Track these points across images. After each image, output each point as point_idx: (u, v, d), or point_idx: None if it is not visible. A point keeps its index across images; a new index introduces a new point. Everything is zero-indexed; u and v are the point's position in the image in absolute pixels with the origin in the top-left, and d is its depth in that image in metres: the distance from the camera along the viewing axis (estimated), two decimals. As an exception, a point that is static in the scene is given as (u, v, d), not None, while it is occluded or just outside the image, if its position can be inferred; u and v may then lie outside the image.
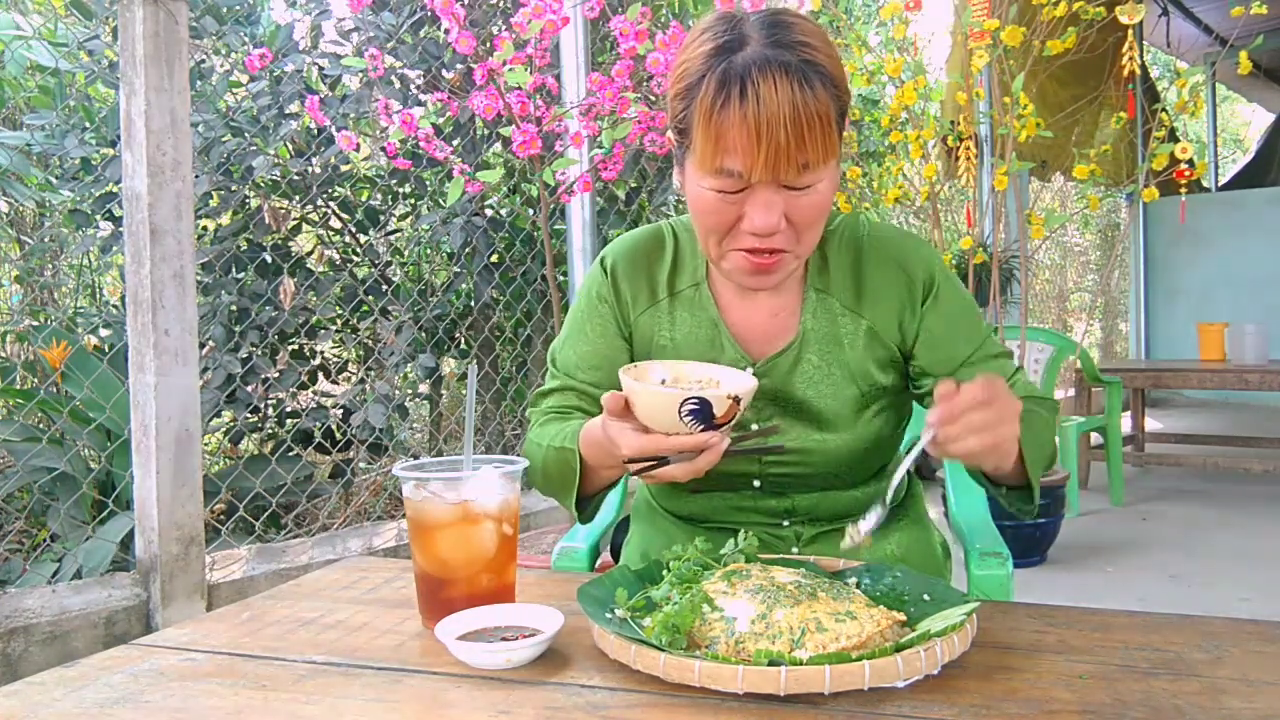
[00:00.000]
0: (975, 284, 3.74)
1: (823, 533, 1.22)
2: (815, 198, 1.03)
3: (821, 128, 0.99)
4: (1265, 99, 10.38)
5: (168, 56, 2.18)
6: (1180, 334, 7.87)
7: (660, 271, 1.22)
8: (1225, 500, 4.70)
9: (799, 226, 1.05)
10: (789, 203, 1.03)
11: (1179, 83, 3.37)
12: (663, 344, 1.21)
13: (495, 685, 0.81)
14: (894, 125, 3.48)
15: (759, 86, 0.97)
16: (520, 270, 3.65)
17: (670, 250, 1.23)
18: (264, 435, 3.36)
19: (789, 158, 0.98)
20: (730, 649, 0.81)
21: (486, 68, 2.20)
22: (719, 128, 0.99)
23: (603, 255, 1.26)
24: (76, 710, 0.78)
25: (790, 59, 0.98)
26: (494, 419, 3.73)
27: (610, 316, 1.23)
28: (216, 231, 3.24)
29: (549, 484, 1.17)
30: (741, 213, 1.04)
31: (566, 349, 1.25)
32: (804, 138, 0.97)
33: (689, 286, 1.21)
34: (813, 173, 1.01)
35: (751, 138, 0.97)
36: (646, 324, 1.22)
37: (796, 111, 0.97)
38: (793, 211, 1.03)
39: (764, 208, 1.02)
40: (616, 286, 1.22)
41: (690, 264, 1.22)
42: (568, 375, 1.24)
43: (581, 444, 1.08)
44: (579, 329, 1.24)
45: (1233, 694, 0.77)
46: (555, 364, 1.26)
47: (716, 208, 1.04)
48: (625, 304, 1.22)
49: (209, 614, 1.07)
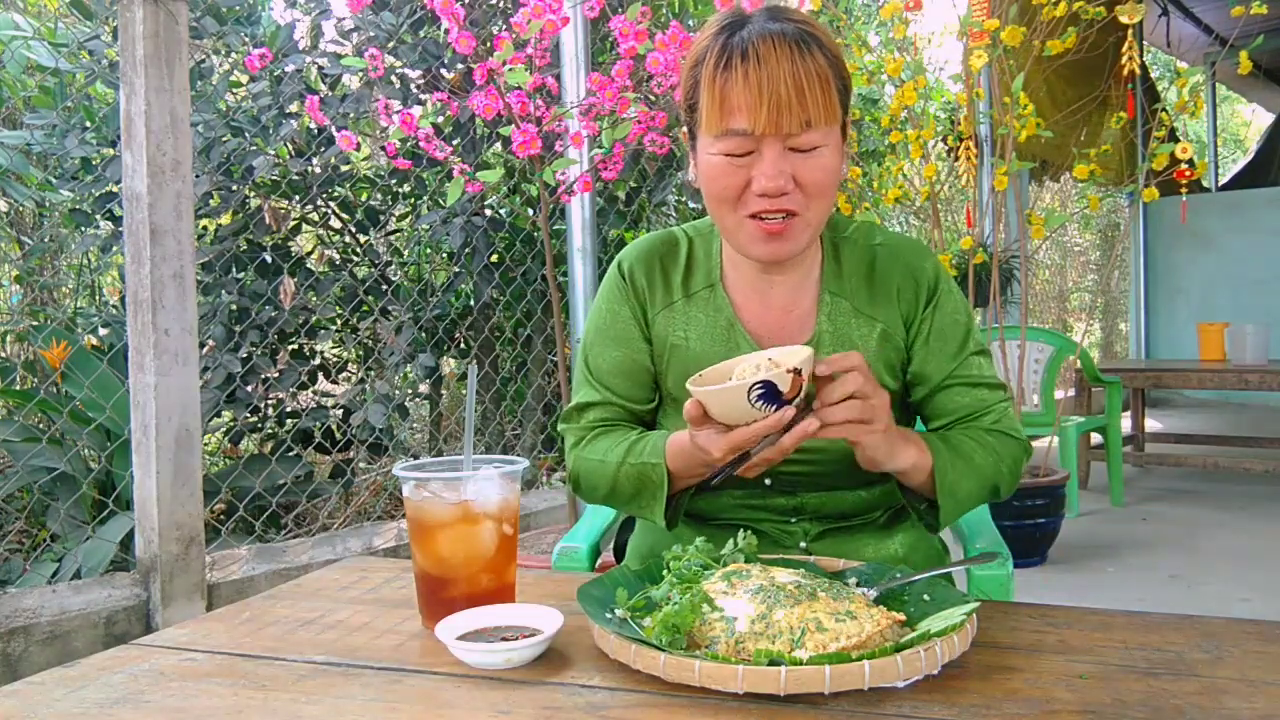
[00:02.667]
0: (975, 284, 3.74)
1: (829, 530, 1.23)
2: (821, 161, 1.07)
3: (821, 87, 1.04)
4: (1265, 99, 10.38)
5: (168, 56, 2.18)
6: (1180, 334, 7.87)
7: (675, 273, 1.25)
8: (1225, 500, 4.70)
9: (807, 190, 1.08)
10: (796, 165, 1.06)
11: (1179, 83, 3.37)
12: (677, 344, 1.23)
13: (495, 685, 0.81)
14: (894, 125, 3.48)
15: (759, 49, 1.04)
16: (520, 270, 3.65)
17: (684, 252, 1.26)
18: (264, 435, 3.36)
19: (791, 111, 1.03)
20: (730, 649, 0.81)
21: (486, 68, 2.20)
22: (723, 89, 1.05)
23: (618, 260, 1.28)
24: (76, 710, 0.78)
25: (788, 28, 1.06)
26: (494, 419, 3.73)
27: (631, 319, 1.25)
28: (216, 231, 3.24)
29: (619, 499, 1.20)
30: (750, 177, 1.07)
31: (596, 356, 1.27)
32: (804, 92, 1.03)
33: (703, 287, 1.23)
34: (816, 131, 1.05)
35: (754, 94, 1.03)
36: (663, 324, 1.24)
37: (795, 68, 1.03)
38: (800, 173, 1.07)
39: (771, 166, 1.05)
40: (634, 289, 1.25)
41: (704, 265, 1.25)
42: (604, 387, 1.26)
43: (669, 458, 1.12)
44: (605, 335, 1.26)
45: (1233, 694, 0.77)
46: (590, 370, 1.27)
47: (726, 172, 1.08)
48: (643, 305, 1.25)
49: (209, 614, 1.07)
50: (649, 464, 1.13)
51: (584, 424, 1.26)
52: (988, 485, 1.15)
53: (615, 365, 1.25)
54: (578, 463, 1.24)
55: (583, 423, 1.26)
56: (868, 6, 6.58)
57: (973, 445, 1.14)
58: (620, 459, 1.16)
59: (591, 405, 1.26)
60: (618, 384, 1.25)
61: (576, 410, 1.27)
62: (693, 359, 1.20)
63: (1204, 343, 5.15)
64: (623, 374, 1.24)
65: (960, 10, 3.52)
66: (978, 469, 1.13)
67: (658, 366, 1.25)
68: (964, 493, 1.12)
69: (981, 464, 1.14)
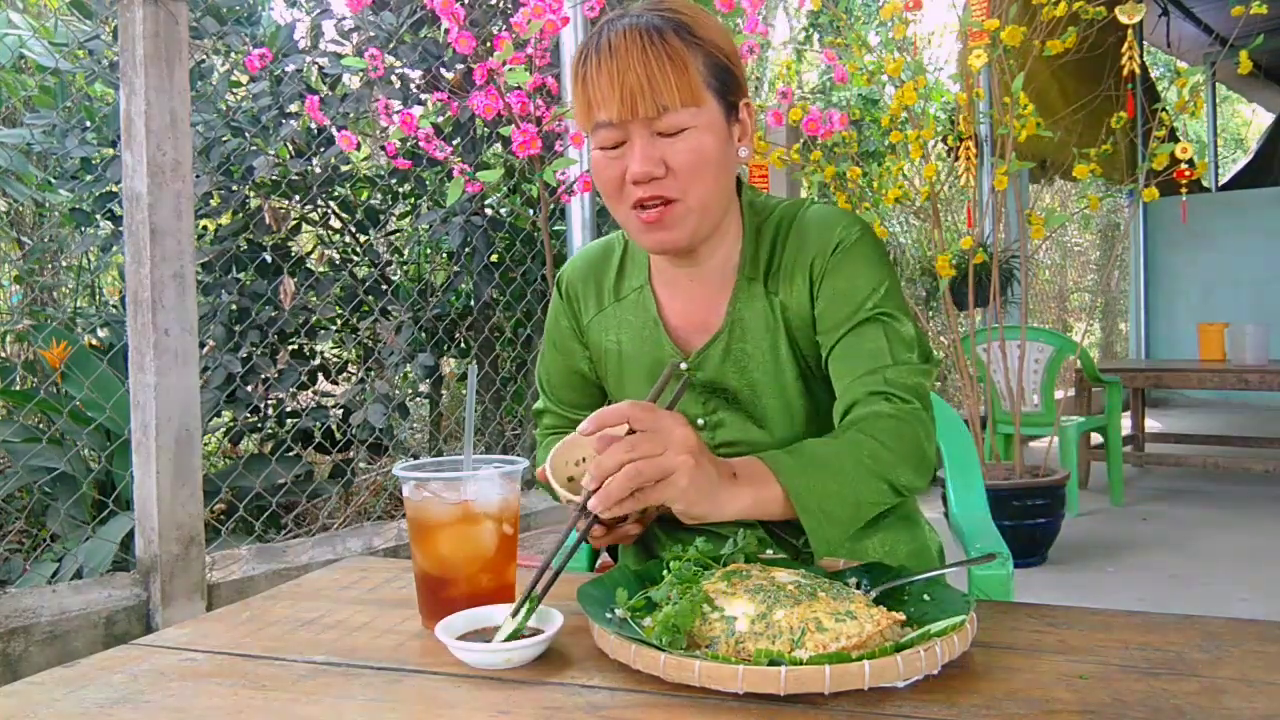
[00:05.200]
0: (975, 284, 3.74)
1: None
2: (690, 143, 1.07)
3: (675, 69, 1.05)
4: (1265, 99, 10.38)
5: (168, 56, 2.18)
6: (1180, 334, 7.87)
7: (607, 279, 1.28)
8: (1225, 500, 4.70)
9: (678, 173, 1.08)
10: (664, 150, 1.07)
11: (1179, 83, 3.37)
12: (610, 347, 1.26)
13: (495, 685, 0.81)
14: (894, 125, 3.48)
15: (613, 41, 1.06)
16: (520, 270, 3.65)
17: (617, 257, 1.29)
18: (264, 435, 3.36)
19: (644, 96, 1.05)
20: (730, 649, 0.81)
21: (486, 68, 2.20)
22: (584, 84, 1.08)
23: (559, 275, 1.33)
24: (76, 710, 0.78)
25: (647, 19, 1.07)
26: (494, 419, 3.73)
27: (569, 331, 1.30)
28: (216, 231, 3.24)
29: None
30: (625, 168, 1.08)
31: (544, 367, 1.35)
32: (654, 77, 1.04)
33: (633, 290, 1.25)
34: (677, 114, 1.06)
35: (609, 84, 1.06)
36: (597, 330, 1.27)
37: (646, 55, 1.05)
38: (669, 157, 1.07)
39: (638, 152, 1.07)
40: (570, 302, 1.30)
41: (634, 268, 1.26)
42: (550, 395, 1.35)
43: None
44: (550, 346, 1.34)
45: (1233, 694, 0.77)
46: (540, 381, 1.36)
47: (604, 165, 1.10)
48: (578, 316, 1.29)
49: (209, 614, 1.07)
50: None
51: (541, 429, 1.37)
52: (873, 486, 1.01)
53: (558, 374, 1.33)
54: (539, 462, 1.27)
55: (540, 428, 1.37)
56: (868, 6, 6.58)
57: (837, 447, 1.02)
58: None
59: (543, 412, 1.36)
60: (562, 392, 1.33)
61: (535, 416, 1.38)
62: (625, 360, 1.24)
63: (1204, 343, 5.15)
64: (564, 383, 1.33)
65: (960, 10, 3.52)
66: (846, 473, 1.00)
67: (598, 371, 1.30)
68: (839, 503, 0.99)
69: (851, 466, 1.00)
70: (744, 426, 1.19)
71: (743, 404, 1.19)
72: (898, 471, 1.03)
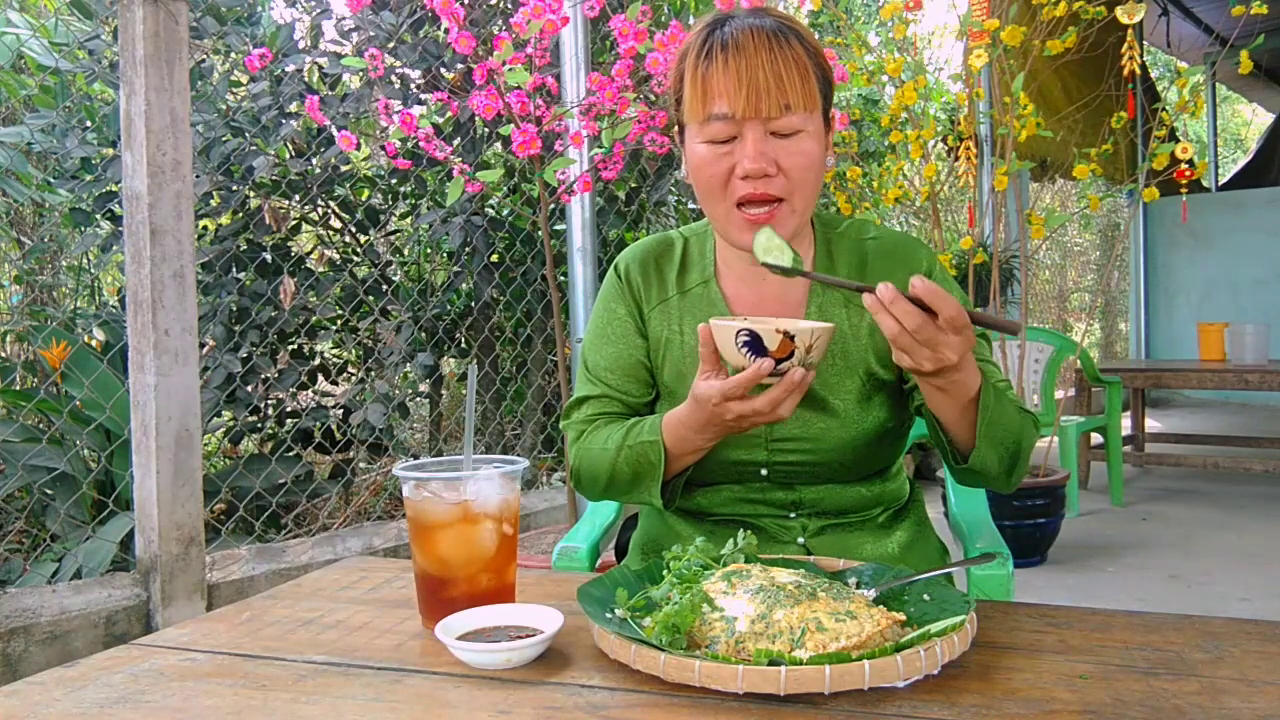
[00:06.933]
0: (975, 284, 3.74)
1: (828, 526, 1.24)
2: (802, 145, 1.11)
3: (799, 73, 1.09)
4: (1265, 99, 10.38)
5: (168, 56, 2.18)
6: (1180, 334, 7.87)
7: (670, 271, 1.28)
8: (1225, 500, 4.70)
9: (789, 174, 1.11)
10: (777, 150, 1.10)
11: (1179, 83, 3.37)
12: (671, 338, 1.26)
13: (495, 685, 0.81)
14: (894, 125, 3.48)
15: (739, 39, 1.09)
16: (520, 270, 3.65)
17: (679, 251, 1.29)
18: (264, 435, 3.36)
19: (769, 94, 1.08)
20: (730, 649, 0.81)
21: (486, 67, 2.20)
22: (704, 77, 1.10)
23: (616, 262, 1.32)
24: (76, 710, 0.78)
25: (768, 22, 1.11)
26: (494, 419, 3.73)
27: (627, 317, 1.28)
28: (216, 231, 3.24)
29: (618, 486, 1.20)
30: (734, 164, 1.11)
31: (593, 354, 1.30)
32: (781, 77, 1.08)
33: (698, 284, 1.26)
34: (795, 116, 1.09)
35: (734, 79, 1.08)
36: (658, 320, 1.27)
37: (773, 55, 1.08)
38: (781, 158, 1.10)
39: (752, 147, 1.09)
40: (630, 287, 1.29)
41: (699, 263, 1.28)
42: (601, 381, 1.29)
43: (664, 433, 1.13)
44: (602, 334, 1.30)
45: (1233, 694, 0.77)
46: (588, 368, 1.31)
47: (710, 160, 1.12)
48: (639, 304, 1.28)
49: (209, 614, 1.07)
50: (647, 442, 1.15)
51: (583, 417, 1.29)
52: (1014, 438, 1.10)
53: (611, 361, 1.28)
54: (579, 455, 1.26)
55: (582, 416, 1.29)
56: (868, 6, 6.58)
57: (1002, 397, 1.10)
58: (620, 443, 1.18)
59: (589, 399, 1.29)
60: (613, 379, 1.28)
61: (575, 404, 1.31)
62: (686, 352, 1.24)
63: (1204, 343, 5.15)
64: (619, 369, 1.28)
65: (960, 10, 3.52)
66: (1013, 417, 1.09)
67: (653, 361, 1.28)
68: (1001, 430, 1.07)
69: (1015, 416, 1.09)
70: (806, 420, 1.20)
71: (807, 399, 1.19)
72: (1023, 451, 1.12)
